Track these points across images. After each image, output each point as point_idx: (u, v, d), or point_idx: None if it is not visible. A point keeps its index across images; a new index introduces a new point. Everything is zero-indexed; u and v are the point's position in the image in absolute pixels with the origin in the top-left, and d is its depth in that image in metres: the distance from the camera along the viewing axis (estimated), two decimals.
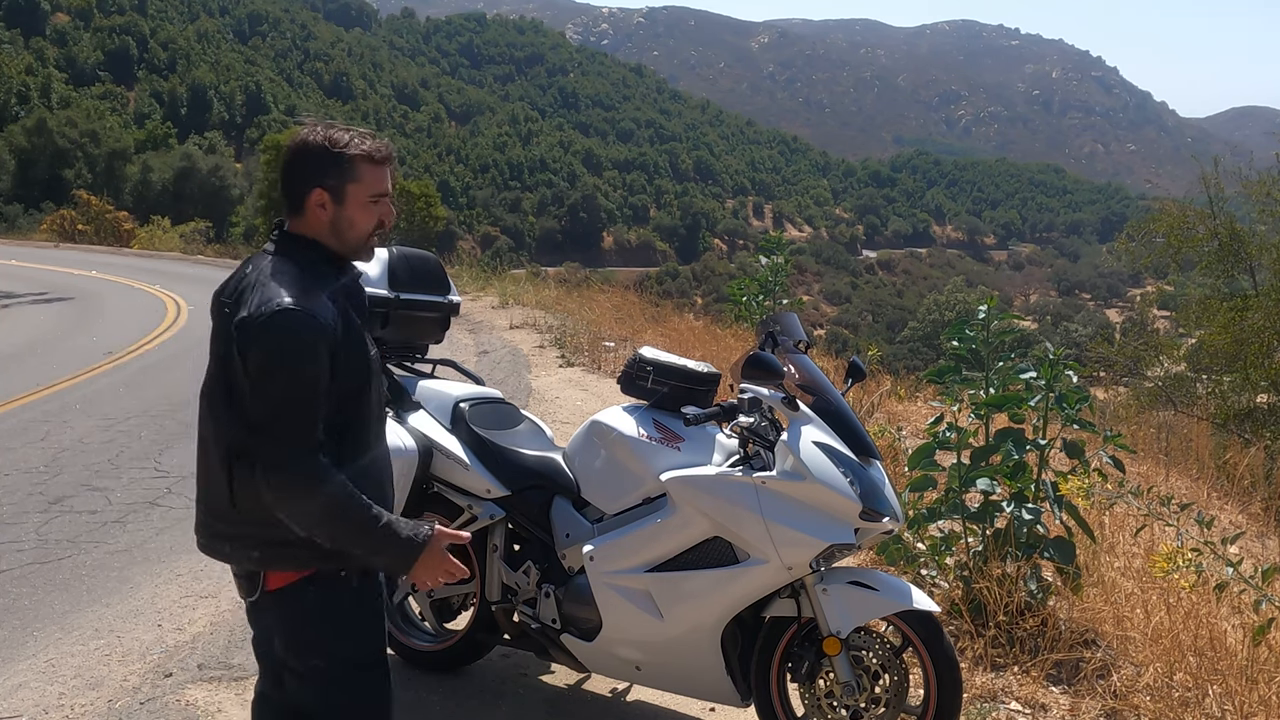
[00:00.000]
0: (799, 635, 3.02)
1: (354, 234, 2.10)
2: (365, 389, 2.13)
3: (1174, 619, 3.66)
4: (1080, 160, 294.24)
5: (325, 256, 2.13)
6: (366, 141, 2.09)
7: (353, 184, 2.07)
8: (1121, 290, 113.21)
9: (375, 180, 2.09)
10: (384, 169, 2.11)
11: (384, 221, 2.14)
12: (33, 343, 12.08)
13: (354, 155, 2.06)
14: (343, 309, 2.07)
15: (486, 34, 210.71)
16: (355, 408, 2.12)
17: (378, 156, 2.09)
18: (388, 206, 2.14)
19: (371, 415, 2.19)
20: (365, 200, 2.09)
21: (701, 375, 3.35)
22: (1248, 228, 15.12)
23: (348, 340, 2.05)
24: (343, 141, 2.07)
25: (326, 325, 2.01)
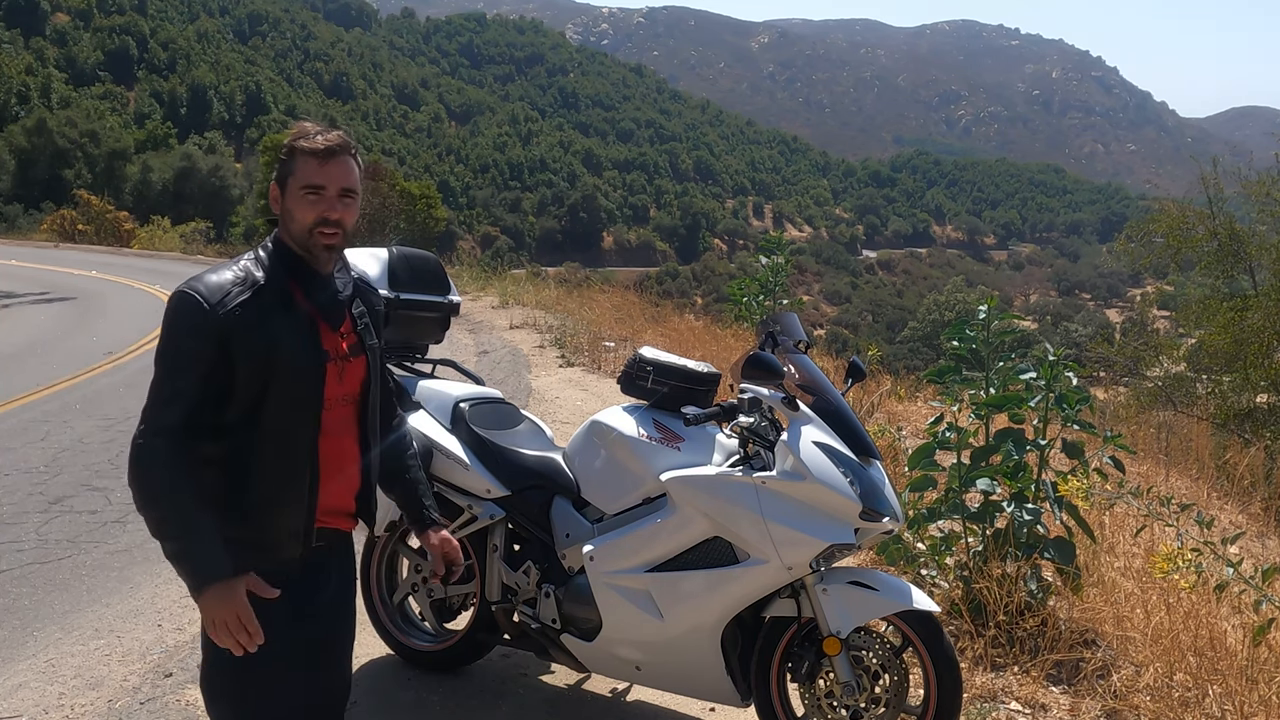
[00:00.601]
0: (799, 635, 3.02)
1: (294, 226, 2.07)
2: (263, 396, 2.03)
3: (1174, 619, 3.66)
4: (1080, 160, 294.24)
5: (283, 254, 2.11)
6: (316, 137, 2.07)
7: (291, 176, 2.07)
8: (1121, 290, 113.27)
9: (309, 173, 2.05)
10: (325, 163, 2.05)
11: (328, 217, 2.06)
12: (33, 343, 12.08)
13: (294, 148, 2.07)
14: (264, 304, 2.02)
15: (486, 34, 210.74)
16: (252, 416, 2.03)
17: (313, 149, 2.05)
18: (331, 203, 2.07)
19: (269, 436, 2.05)
20: (298, 192, 2.06)
21: (701, 375, 3.35)
22: (1247, 228, 15.12)
23: (248, 335, 2.00)
24: (295, 136, 2.09)
25: (212, 309, 1.98)
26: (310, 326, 2.10)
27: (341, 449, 2.19)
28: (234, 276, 2.04)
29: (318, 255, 2.10)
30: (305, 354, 2.07)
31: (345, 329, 2.19)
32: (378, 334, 2.30)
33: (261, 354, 2.01)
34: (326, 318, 2.13)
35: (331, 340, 2.14)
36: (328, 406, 2.12)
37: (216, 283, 2.02)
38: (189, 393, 1.98)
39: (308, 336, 2.09)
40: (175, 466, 1.97)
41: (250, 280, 2.05)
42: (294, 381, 2.05)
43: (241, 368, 2.00)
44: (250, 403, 2.02)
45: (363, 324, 2.23)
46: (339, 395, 2.16)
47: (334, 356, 2.14)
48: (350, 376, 2.19)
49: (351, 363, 2.19)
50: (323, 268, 2.13)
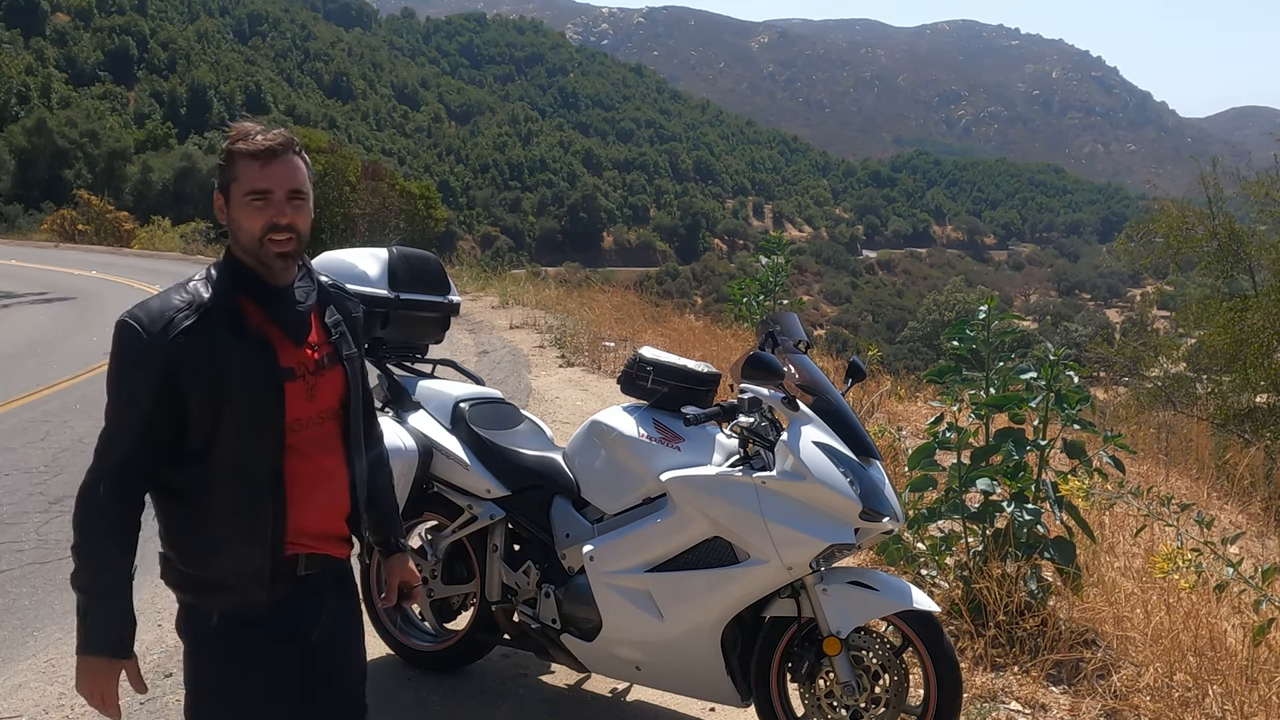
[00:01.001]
0: (799, 635, 3.01)
1: (243, 236, 1.92)
2: (216, 424, 1.89)
3: (1174, 619, 3.66)
4: (1080, 160, 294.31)
5: (234, 268, 1.96)
6: (255, 137, 1.91)
7: (233, 183, 1.92)
8: (1121, 290, 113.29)
9: (251, 177, 1.89)
10: (268, 165, 1.90)
11: (278, 223, 1.90)
12: (33, 343, 12.08)
13: (232, 152, 1.92)
14: (212, 327, 1.88)
15: (486, 34, 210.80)
16: (207, 446, 1.90)
17: (253, 151, 1.90)
18: (279, 207, 1.91)
19: (222, 467, 1.91)
20: (243, 199, 1.91)
21: (701, 375, 3.35)
22: (1247, 228, 15.12)
23: (195, 362, 1.86)
24: (233, 138, 1.94)
25: (152, 338, 1.84)
26: (263, 345, 1.93)
27: (320, 470, 2.02)
28: (179, 300, 1.90)
29: (272, 265, 1.93)
30: (259, 375, 1.91)
31: (315, 340, 2.02)
32: (357, 342, 2.14)
33: (212, 381, 1.86)
34: (287, 332, 1.97)
35: (295, 355, 1.98)
36: (295, 428, 1.96)
37: (159, 309, 1.88)
38: (134, 428, 1.86)
39: (261, 356, 1.92)
40: (111, 517, 1.87)
41: (197, 302, 1.90)
42: (248, 406, 1.89)
43: (193, 396, 1.86)
44: (206, 432, 1.89)
45: (337, 333, 2.07)
46: (312, 413, 2.00)
47: (300, 373, 1.97)
48: (325, 391, 2.03)
49: (325, 376, 2.03)
50: (279, 278, 1.97)
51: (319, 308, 2.06)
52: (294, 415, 1.95)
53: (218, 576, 1.94)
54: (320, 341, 2.04)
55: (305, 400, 1.98)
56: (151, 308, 1.89)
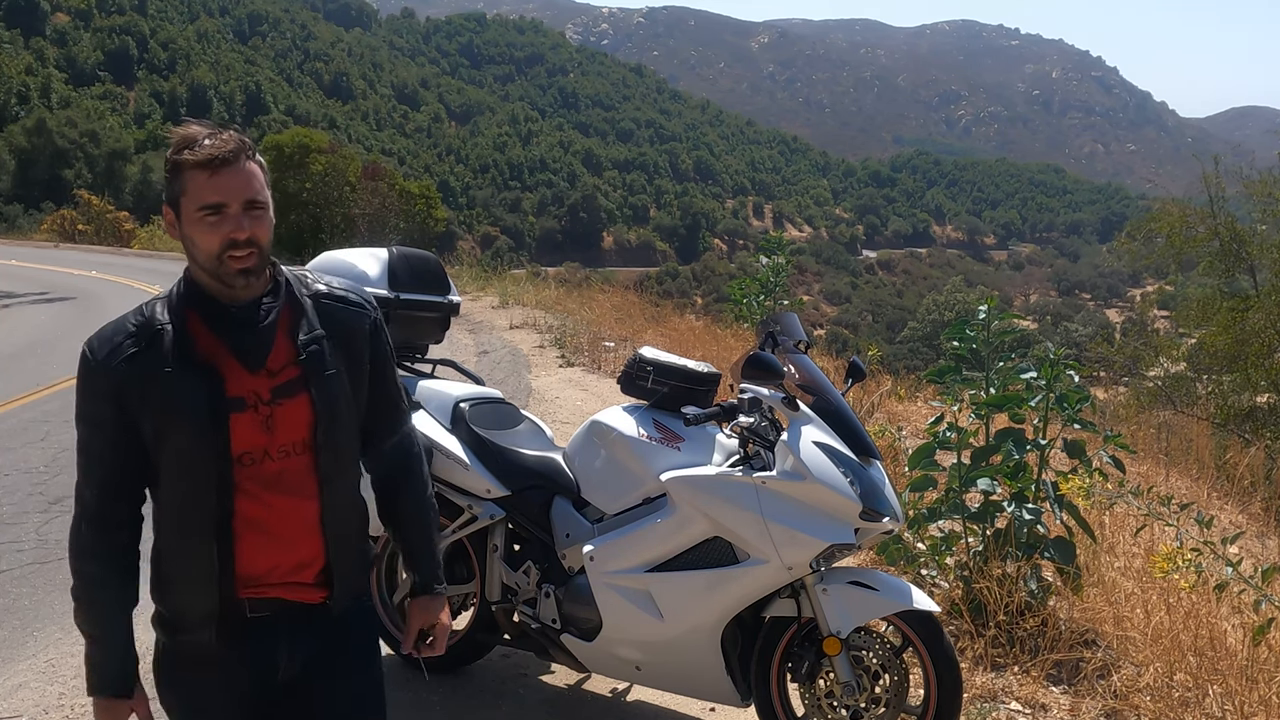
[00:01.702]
0: (799, 635, 3.02)
1: (199, 255, 1.73)
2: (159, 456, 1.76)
3: (1174, 619, 3.66)
4: (1080, 160, 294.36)
5: (189, 287, 1.80)
6: (203, 144, 1.71)
7: (184, 196, 1.72)
8: (1121, 290, 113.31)
9: (203, 190, 1.69)
10: (218, 175, 1.70)
11: (236, 238, 1.71)
12: (33, 343, 12.08)
13: (178, 163, 1.72)
14: (158, 353, 1.73)
15: (486, 34, 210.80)
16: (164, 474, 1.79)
17: (199, 161, 1.69)
18: (235, 221, 1.71)
19: (164, 504, 1.80)
20: (194, 214, 1.71)
21: (701, 375, 3.35)
22: (1247, 227, 15.13)
23: (140, 391, 1.73)
24: (177, 146, 1.74)
25: (98, 364, 1.74)
26: (207, 372, 1.74)
27: (277, 511, 1.80)
28: (132, 324, 1.77)
29: (233, 283, 1.74)
30: (198, 406, 1.72)
31: (276, 363, 1.79)
32: (354, 359, 1.89)
33: (155, 412, 1.73)
34: (239, 356, 1.76)
35: (247, 383, 1.76)
36: (246, 463, 1.76)
37: (110, 334, 1.77)
38: (102, 460, 1.78)
39: (203, 384, 1.73)
40: (99, 560, 1.80)
41: (147, 326, 1.76)
42: (188, 440, 1.73)
43: (143, 426, 1.75)
44: (157, 462, 1.78)
45: (310, 350, 1.82)
46: (270, 447, 1.78)
47: (251, 403, 1.76)
48: (287, 422, 1.79)
49: (285, 406, 1.79)
50: (242, 295, 1.77)
51: (290, 324, 1.82)
52: (242, 449, 1.76)
53: (170, 614, 1.87)
54: (284, 364, 1.80)
55: (259, 432, 1.77)
56: (105, 333, 1.79)
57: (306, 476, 1.82)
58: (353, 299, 1.94)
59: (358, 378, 1.90)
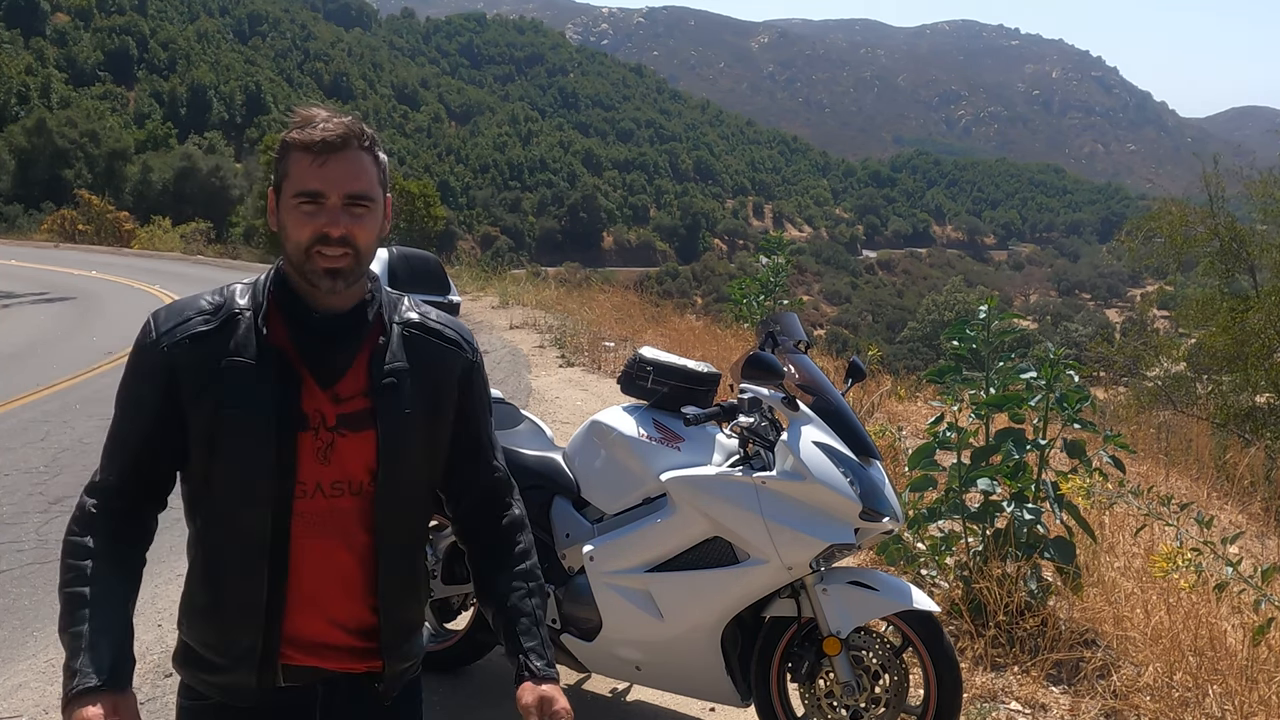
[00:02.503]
0: (799, 635, 3.02)
1: (289, 246, 1.55)
2: (210, 461, 1.54)
3: (1174, 619, 3.66)
4: (1080, 160, 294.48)
5: (279, 280, 1.60)
6: (315, 126, 1.53)
7: (286, 180, 1.55)
8: (1121, 290, 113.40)
9: (304, 175, 1.52)
10: (324, 161, 1.51)
11: (329, 233, 1.51)
12: (33, 343, 12.08)
13: (286, 142, 1.55)
14: (227, 340, 1.53)
15: (486, 34, 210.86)
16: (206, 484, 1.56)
17: (307, 142, 1.52)
18: (333, 214, 1.52)
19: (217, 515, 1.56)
20: (291, 201, 1.53)
21: (701, 375, 3.35)
22: (1247, 227, 15.14)
23: (196, 378, 1.52)
24: (291, 125, 1.57)
25: (158, 339, 1.54)
26: (282, 373, 1.54)
27: (330, 562, 1.57)
28: (208, 301, 1.58)
29: (318, 284, 1.54)
30: (264, 410, 1.51)
31: (347, 390, 1.57)
32: (437, 404, 1.65)
33: (211, 404, 1.51)
34: (311, 369, 1.56)
35: (319, 400, 1.56)
36: (304, 494, 1.55)
37: (180, 306, 1.58)
38: (131, 442, 1.56)
39: (273, 389, 1.52)
40: (107, 540, 1.54)
41: (225, 308, 1.56)
42: (246, 446, 1.52)
43: (192, 418, 1.53)
44: (205, 467, 1.55)
45: (386, 383, 1.59)
46: (326, 481, 1.56)
47: (315, 424, 1.55)
48: (344, 458, 1.57)
49: (349, 438, 1.56)
50: (325, 300, 1.56)
51: (372, 350, 1.61)
52: (303, 476, 1.55)
53: (206, 649, 1.58)
54: (355, 393, 1.58)
55: (315, 460, 1.55)
56: (176, 305, 1.59)
57: (355, 524, 1.59)
58: (448, 335, 1.70)
59: (437, 424, 1.66)
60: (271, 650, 1.56)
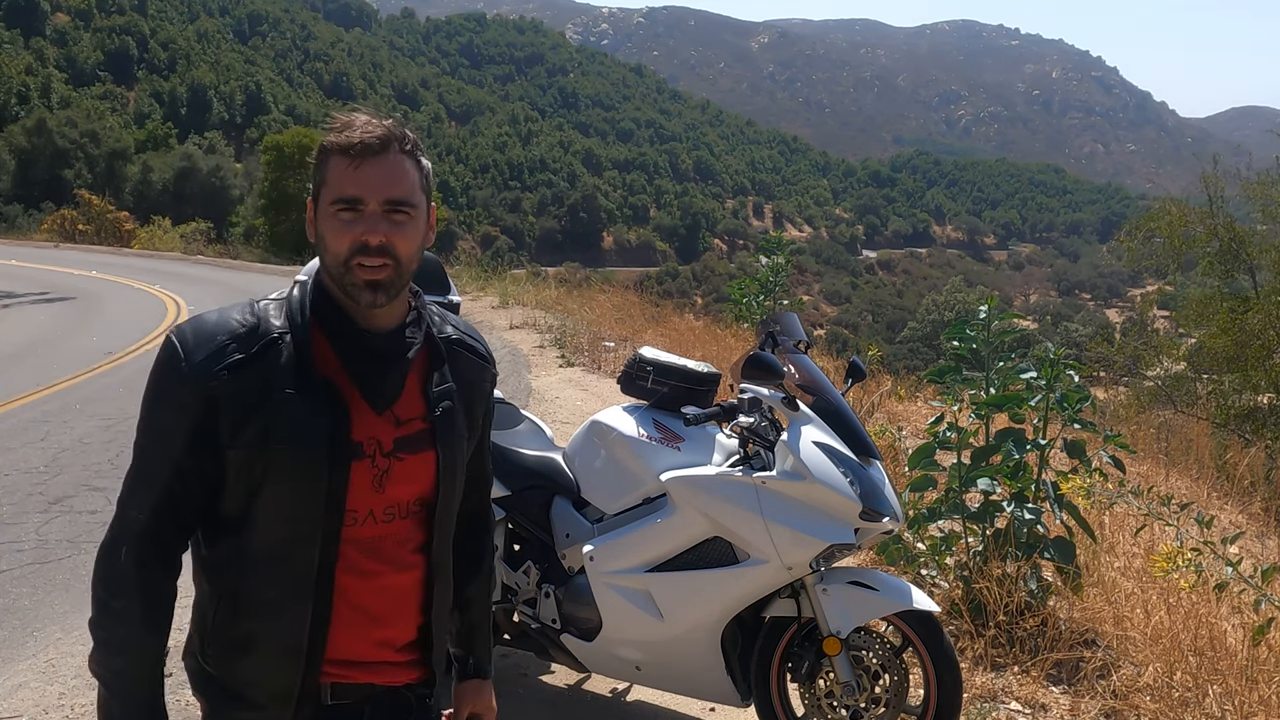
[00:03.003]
0: (799, 635, 3.02)
1: (328, 258, 1.46)
2: (254, 496, 1.43)
3: (1174, 619, 3.66)
4: (1080, 160, 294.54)
5: (319, 296, 1.50)
6: (352, 128, 1.45)
7: (324, 187, 1.46)
8: (1121, 290, 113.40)
9: (342, 180, 1.43)
10: (361, 165, 1.43)
11: (368, 242, 1.42)
12: (33, 343, 12.08)
13: (324, 146, 1.47)
14: (269, 365, 1.42)
15: (486, 34, 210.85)
16: (245, 519, 1.45)
17: (344, 145, 1.43)
18: (371, 221, 1.43)
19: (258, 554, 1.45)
20: (329, 209, 1.44)
21: (701, 375, 3.35)
22: (1247, 227, 15.15)
23: (239, 408, 1.40)
24: (329, 129, 1.49)
25: (192, 366, 1.40)
26: (332, 403, 1.45)
27: (381, 586, 1.52)
28: (238, 322, 1.45)
29: (358, 297, 1.45)
30: (316, 442, 1.42)
31: (405, 412, 1.51)
32: (473, 421, 1.63)
33: (257, 437, 1.41)
34: (365, 393, 1.48)
35: (373, 426, 1.48)
36: (354, 522, 1.48)
37: (209, 329, 1.44)
38: (161, 480, 1.43)
39: (325, 418, 1.43)
40: (134, 592, 1.43)
41: (260, 330, 1.44)
42: (295, 481, 1.43)
43: (232, 451, 1.42)
44: (243, 502, 1.45)
45: (442, 406, 1.55)
46: (379, 507, 1.50)
47: (369, 452, 1.47)
48: (403, 481, 1.51)
49: (405, 461, 1.51)
50: (368, 317, 1.48)
51: (424, 368, 1.55)
52: (354, 505, 1.47)
53: (239, 686, 1.49)
54: (414, 415, 1.52)
55: (369, 488, 1.48)
56: (203, 327, 1.45)
57: (407, 545, 1.54)
58: (480, 350, 1.68)
59: (472, 438, 1.64)
60: (312, 684, 1.49)
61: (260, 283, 19.82)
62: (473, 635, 1.77)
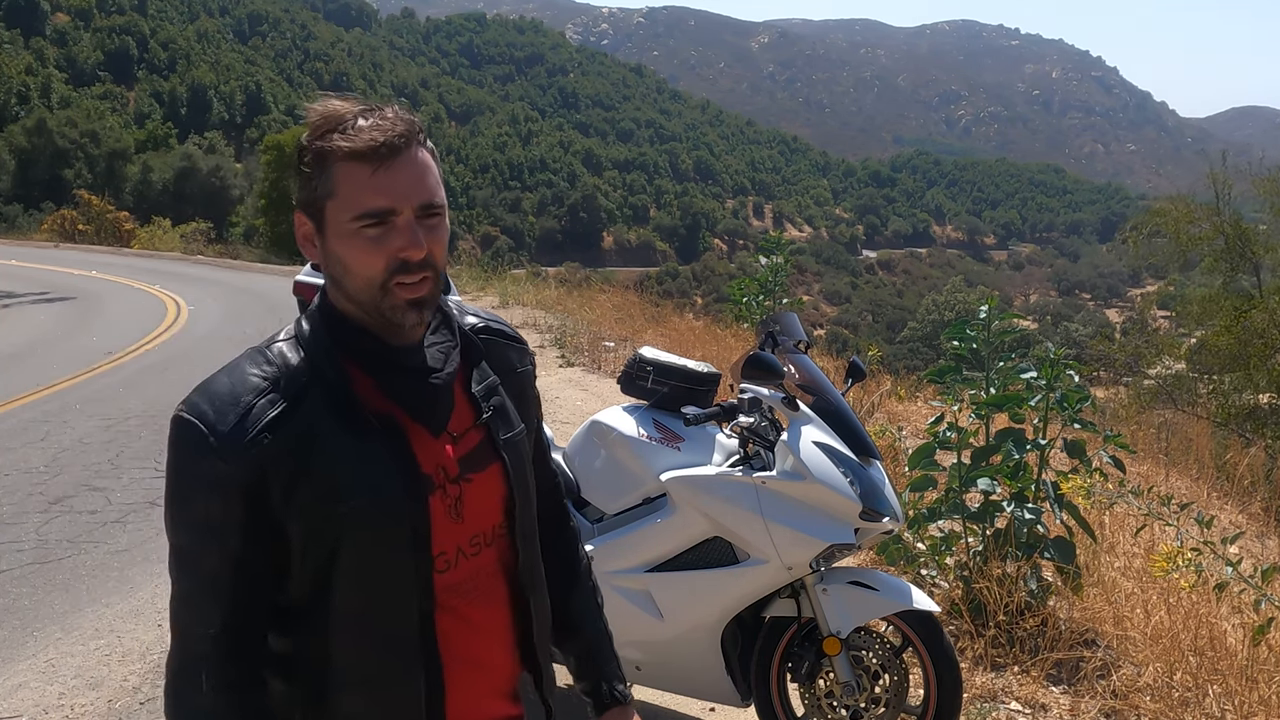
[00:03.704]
0: (799, 635, 3.02)
1: (353, 283, 1.24)
2: (330, 564, 1.23)
3: (1174, 619, 3.66)
4: (1080, 160, 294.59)
5: (335, 324, 1.28)
6: (357, 126, 1.21)
7: (330, 200, 1.22)
8: (1121, 290, 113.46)
9: (363, 191, 1.20)
10: (387, 170, 1.20)
11: (409, 258, 1.21)
12: (33, 343, 12.08)
13: (324, 152, 1.22)
14: (308, 415, 1.22)
15: (486, 34, 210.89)
16: (324, 593, 1.24)
17: (363, 149, 1.20)
18: (406, 233, 1.21)
19: (349, 625, 1.25)
20: (348, 226, 1.21)
21: (701, 375, 3.35)
22: (1252, 226, 15.16)
23: (286, 471, 1.19)
24: (319, 129, 1.23)
25: (223, 441, 1.18)
26: (392, 437, 1.26)
27: (476, 627, 1.34)
28: (258, 375, 1.23)
29: (401, 320, 1.24)
30: (388, 487, 1.23)
31: (457, 425, 1.33)
32: (525, 411, 1.44)
33: (317, 499, 1.21)
34: (418, 417, 1.29)
35: (434, 452, 1.29)
36: (446, 565, 1.29)
37: (227, 392, 1.21)
38: (224, 583, 1.20)
39: (389, 456, 1.24)
40: (223, 711, 1.21)
41: (286, 376, 1.24)
42: (376, 536, 1.23)
43: (291, 524, 1.21)
44: (317, 575, 1.24)
45: (491, 406, 1.37)
46: (464, 539, 1.32)
47: (439, 481, 1.29)
48: (479, 503, 1.33)
49: (476, 482, 1.33)
50: (409, 335, 1.29)
51: (463, 371, 1.36)
52: (437, 548, 1.28)
53: None
54: (466, 425, 1.34)
55: (450, 521, 1.30)
56: (219, 391, 1.22)
57: (497, 576, 1.37)
58: (510, 332, 1.49)
59: (529, 436, 1.45)
60: None
61: (260, 283, 19.82)
62: (595, 657, 1.55)
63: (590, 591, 1.58)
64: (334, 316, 1.28)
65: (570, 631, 1.55)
